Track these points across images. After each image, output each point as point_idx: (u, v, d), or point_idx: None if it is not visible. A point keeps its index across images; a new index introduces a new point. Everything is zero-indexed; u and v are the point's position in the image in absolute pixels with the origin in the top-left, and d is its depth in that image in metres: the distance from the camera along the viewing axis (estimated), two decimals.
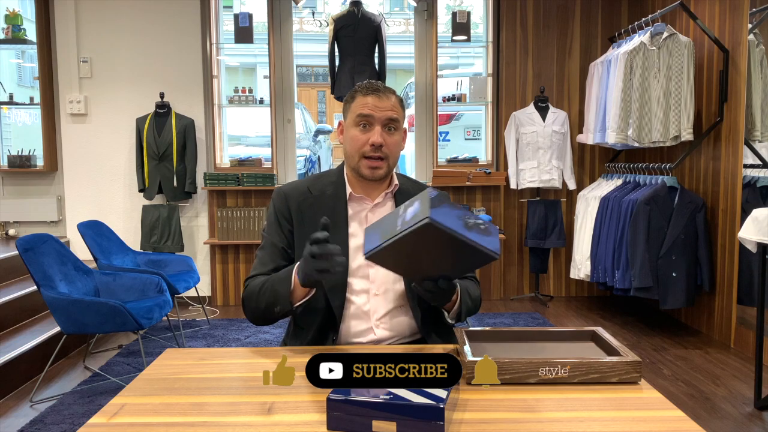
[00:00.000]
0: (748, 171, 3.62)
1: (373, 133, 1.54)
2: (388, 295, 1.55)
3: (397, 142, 1.59)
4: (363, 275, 1.56)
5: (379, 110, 1.54)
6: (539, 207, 4.71)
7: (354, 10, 4.60)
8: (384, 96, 1.56)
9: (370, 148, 1.53)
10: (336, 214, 1.58)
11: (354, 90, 1.60)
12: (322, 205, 1.59)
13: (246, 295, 1.57)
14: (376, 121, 1.54)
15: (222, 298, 4.86)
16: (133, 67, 4.80)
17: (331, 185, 1.62)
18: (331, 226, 1.46)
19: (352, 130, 1.57)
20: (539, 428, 1.01)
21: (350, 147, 1.57)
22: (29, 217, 4.91)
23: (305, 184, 1.65)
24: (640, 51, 3.92)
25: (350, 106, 1.58)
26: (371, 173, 1.55)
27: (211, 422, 1.04)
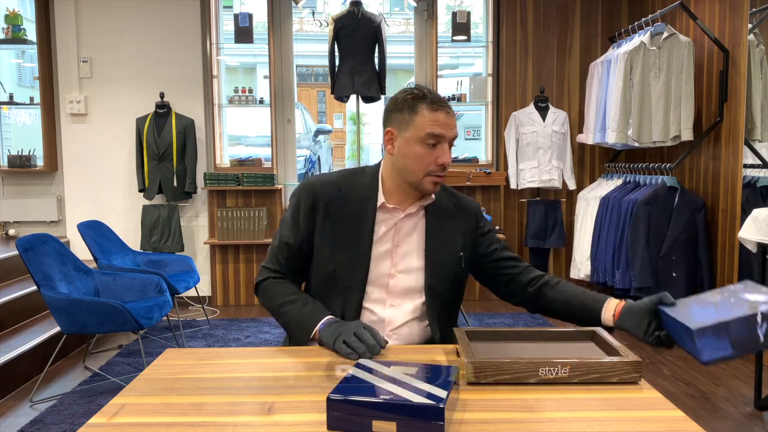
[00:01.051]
0: (748, 171, 3.62)
1: (442, 152, 1.47)
2: (405, 307, 1.54)
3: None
4: (382, 285, 1.54)
5: (449, 128, 1.48)
6: (539, 207, 4.71)
7: (354, 10, 4.60)
8: (451, 112, 1.49)
9: (438, 167, 1.48)
10: (363, 220, 1.54)
11: (413, 97, 1.49)
12: (350, 208, 1.55)
13: (262, 293, 1.59)
14: (445, 140, 1.48)
15: (222, 298, 4.86)
16: (133, 67, 4.80)
17: (362, 188, 1.57)
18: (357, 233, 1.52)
19: (417, 147, 1.47)
20: (539, 428, 1.01)
21: (413, 164, 1.49)
22: (29, 217, 4.91)
23: (336, 181, 1.58)
24: (640, 51, 3.92)
25: (413, 119, 1.47)
26: (434, 188, 1.52)
27: (211, 422, 1.04)
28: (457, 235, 1.59)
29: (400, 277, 1.54)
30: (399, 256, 1.55)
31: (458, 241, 1.59)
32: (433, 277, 1.55)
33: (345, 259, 1.53)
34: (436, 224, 1.57)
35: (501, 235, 4.79)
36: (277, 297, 1.55)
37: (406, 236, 1.56)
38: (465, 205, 1.65)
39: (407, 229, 1.56)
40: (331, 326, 1.42)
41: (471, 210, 1.65)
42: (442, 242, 1.57)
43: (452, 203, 1.63)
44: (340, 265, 1.53)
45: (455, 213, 1.61)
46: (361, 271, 1.52)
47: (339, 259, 1.53)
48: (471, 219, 1.64)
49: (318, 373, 1.26)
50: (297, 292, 1.56)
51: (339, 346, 1.35)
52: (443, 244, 1.57)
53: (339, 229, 1.54)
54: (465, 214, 1.63)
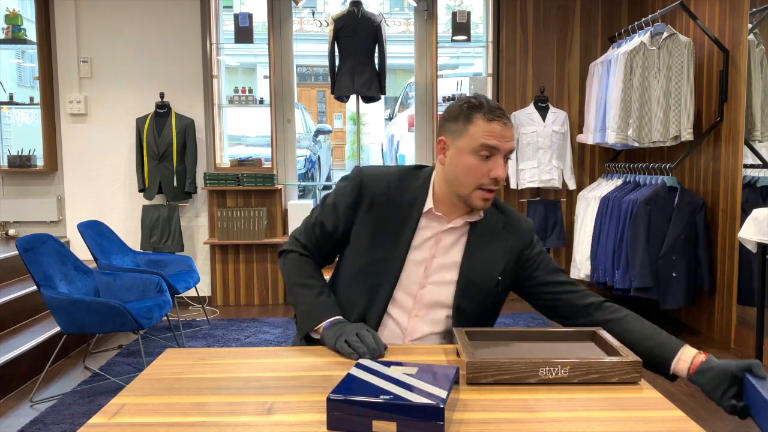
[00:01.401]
0: (748, 171, 3.62)
1: (496, 165, 1.41)
2: (429, 320, 1.51)
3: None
4: (410, 292, 1.50)
5: (504, 140, 1.41)
6: (539, 207, 4.71)
7: (354, 10, 4.60)
8: (508, 123, 1.42)
9: (491, 181, 1.41)
10: (405, 223, 1.50)
11: (469, 107, 1.43)
12: (396, 208, 1.51)
13: (284, 263, 1.60)
14: (499, 153, 1.41)
15: (222, 298, 4.86)
16: (133, 67, 4.80)
17: (413, 190, 1.52)
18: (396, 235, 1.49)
19: (469, 158, 1.41)
20: (539, 428, 1.01)
21: (464, 176, 1.43)
22: (29, 217, 4.91)
23: (387, 178, 1.53)
24: (640, 51, 3.92)
25: (467, 129, 1.42)
26: (484, 204, 1.45)
27: (211, 422, 1.04)
28: (498, 257, 1.52)
29: (429, 288, 1.50)
30: (433, 267, 1.51)
31: (498, 264, 1.52)
32: (463, 297, 1.50)
33: (379, 258, 1.49)
34: (477, 243, 1.52)
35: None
36: (295, 274, 1.55)
37: (445, 249, 1.51)
38: (515, 226, 1.56)
39: (447, 242, 1.51)
40: (334, 326, 1.41)
41: (521, 232, 1.56)
42: (480, 262, 1.51)
43: (501, 222, 1.55)
44: (373, 263, 1.50)
45: (502, 233, 1.54)
46: (393, 273, 1.49)
47: (373, 257, 1.50)
48: (518, 241, 1.55)
49: (318, 373, 1.26)
50: (315, 276, 1.55)
51: (340, 345, 1.35)
52: (481, 265, 1.51)
53: (379, 226, 1.51)
54: (513, 235, 1.55)
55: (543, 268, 1.55)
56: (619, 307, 1.49)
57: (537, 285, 1.55)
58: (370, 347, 1.33)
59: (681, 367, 1.31)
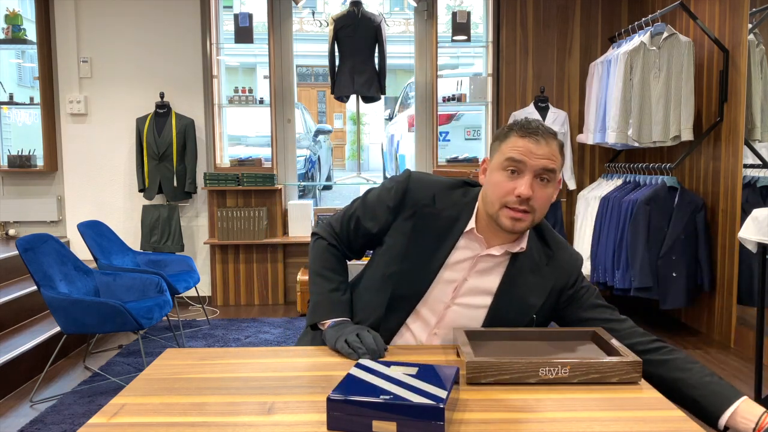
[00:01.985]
0: (748, 171, 3.62)
1: (522, 182, 1.32)
2: (447, 340, 1.47)
3: (549, 196, 1.36)
4: (435, 310, 1.45)
5: (534, 157, 1.32)
6: None
7: (354, 10, 4.60)
8: (543, 140, 1.33)
9: (516, 199, 1.33)
10: (444, 240, 1.44)
11: (509, 127, 1.38)
12: (437, 222, 1.45)
13: (313, 247, 1.59)
14: (527, 169, 1.33)
15: (222, 298, 4.86)
16: (133, 67, 4.80)
17: (458, 206, 1.46)
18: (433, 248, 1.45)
19: (497, 174, 1.36)
20: (539, 428, 1.01)
21: (492, 192, 1.37)
22: (29, 217, 4.91)
23: (435, 188, 1.48)
24: (640, 51, 3.92)
25: (500, 146, 1.38)
26: (512, 225, 1.35)
27: (211, 422, 1.04)
28: (536, 295, 1.44)
29: (455, 309, 1.45)
30: (464, 289, 1.45)
31: (536, 302, 1.44)
32: (491, 327, 1.45)
33: (410, 269, 1.44)
34: (516, 276, 1.44)
35: None
36: (319, 262, 1.54)
37: (481, 274, 1.45)
38: (560, 263, 1.47)
39: (484, 268, 1.45)
40: (338, 326, 1.42)
41: (567, 269, 1.47)
42: (516, 297, 1.44)
43: (545, 257, 1.47)
44: (403, 273, 1.44)
45: (545, 270, 1.46)
46: (421, 287, 1.44)
47: (404, 266, 1.44)
48: (563, 279, 1.46)
49: (318, 373, 1.26)
50: (337, 270, 1.54)
51: (340, 344, 1.35)
52: (516, 300, 1.44)
53: (417, 237, 1.45)
54: (557, 272, 1.46)
55: (584, 305, 1.47)
56: (672, 348, 1.36)
57: (577, 321, 1.48)
58: (369, 348, 1.32)
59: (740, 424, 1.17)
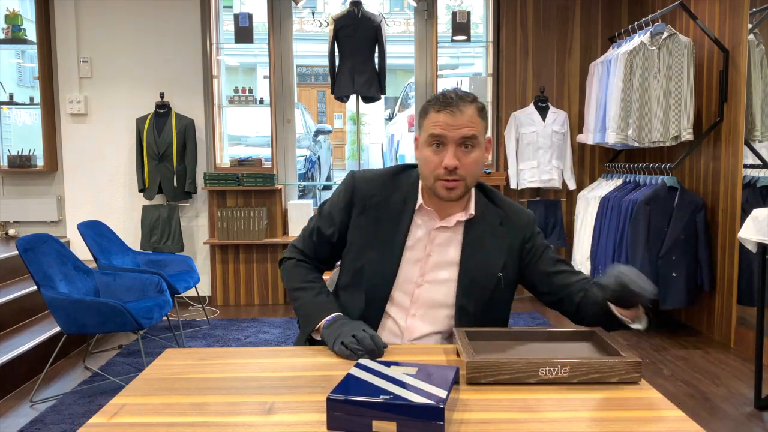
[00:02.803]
0: (748, 171, 3.62)
1: (446, 154, 1.41)
2: (427, 319, 1.50)
3: (476, 160, 1.44)
4: (407, 291, 1.50)
5: (452, 128, 1.40)
6: (539, 207, 4.71)
7: (354, 10, 4.60)
8: (458, 111, 1.41)
9: (444, 171, 1.41)
10: (400, 221, 1.51)
11: (428, 102, 1.47)
12: (389, 207, 1.52)
13: (284, 270, 1.62)
14: (449, 141, 1.41)
15: (222, 298, 4.86)
16: (133, 67, 4.80)
17: (404, 188, 1.54)
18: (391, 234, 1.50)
19: (425, 150, 1.45)
20: (539, 428, 1.01)
21: (424, 168, 1.46)
22: (29, 217, 4.91)
23: (378, 179, 1.56)
24: (640, 51, 3.92)
25: (423, 122, 1.46)
26: (448, 194, 1.44)
27: (211, 422, 1.04)
28: (498, 254, 1.51)
29: (426, 287, 1.50)
30: (429, 265, 1.50)
31: (498, 261, 1.50)
32: (464, 297, 1.49)
33: (375, 258, 1.50)
34: (474, 241, 1.50)
35: None
36: (294, 280, 1.57)
37: (441, 247, 1.51)
38: (513, 220, 1.55)
39: (442, 240, 1.51)
40: (334, 324, 1.41)
41: (520, 225, 1.55)
42: (479, 261, 1.50)
43: (498, 218, 1.54)
44: (369, 263, 1.50)
45: (500, 229, 1.53)
46: (389, 272, 1.50)
47: (369, 257, 1.51)
48: (518, 235, 1.54)
49: (318, 373, 1.26)
50: (313, 279, 1.57)
51: (338, 347, 1.35)
52: (480, 263, 1.49)
53: (374, 227, 1.52)
54: (512, 230, 1.54)
55: (546, 260, 1.55)
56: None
57: (543, 275, 1.54)
58: (367, 349, 1.32)
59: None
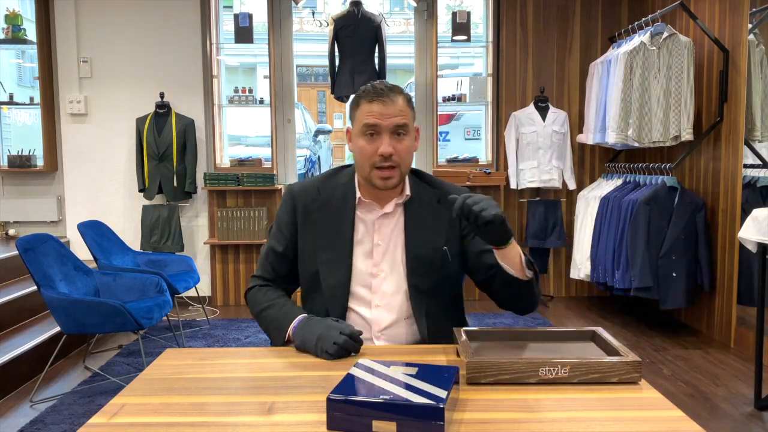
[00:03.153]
0: (748, 171, 3.62)
1: (381, 142, 1.47)
2: (391, 307, 1.53)
3: (409, 147, 1.51)
4: (365, 284, 1.54)
5: (385, 118, 1.47)
6: (539, 207, 4.71)
7: (354, 10, 4.60)
8: (389, 101, 1.47)
9: (380, 158, 1.47)
10: (343, 219, 1.55)
11: (358, 95, 1.52)
12: (329, 209, 1.57)
13: (248, 301, 1.61)
14: (382, 130, 1.47)
15: (222, 298, 4.86)
16: (133, 67, 4.80)
17: (341, 187, 1.59)
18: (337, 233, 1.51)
19: (359, 141, 1.50)
20: (539, 428, 1.01)
21: (360, 158, 1.51)
22: (29, 217, 4.91)
23: (315, 184, 1.61)
24: (640, 51, 3.92)
25: (356, 114, 1.52)
26: (384, 183, 1.50)
27: (211, 422, 1.04)
28: (439, 229, 1.56)
29: (382, 276, 1.54)
30: (380, 254, 1.55)
31: (441, 235, 1.56)
32: (415, 275, 1.53)
33: (327, 259, 1.54)
34: (415, 221, 1.56)
35: None
36: (258, 304, 1.56)
37: (387, 235, 1.56)
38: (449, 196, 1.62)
39: (387, 229, 1.56)
40: (303, 329, 1.40)
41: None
42: (422, 238, 1.55)
43: (435, 196, 1.59)
44: (322, 266, 1.54)
45: (437, 207, 1.58)
46: (344, 270, 1.53)
47: (321, 260, 1.54)
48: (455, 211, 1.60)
49: (318, 373, 1.26)
50: (278, 297, 1.56)
51: (325, 356, 1.34)
52: (424, 240, 1.55)
53: (320, 230, 1.56)
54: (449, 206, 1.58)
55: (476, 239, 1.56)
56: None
57: (470, 255, 1.57)
58: (353, 350, 1.34)
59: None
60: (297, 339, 1.41)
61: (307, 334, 1.39)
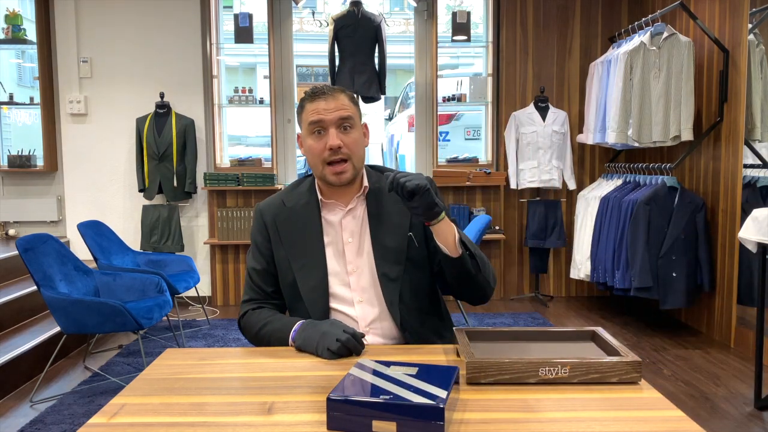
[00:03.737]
0: (748, 171, 3.62)
1: (328, 136, 1.49)
2: (373, 302, 1.55)
3: (357, 140, 1.53)
4: (343, 283, 1.55)
5: (328, 112, 1.49)
6: (539, 207, 4.71)
7: (354, 10, 4.60)
8: (331, 97, 1.51)
9: (329, 152, 1.49)
10: (310, 224, 1.57)
11: (302, 99, 1.56)
12: (296, 217, 1.59)
13: (244, 327, 1.60)
14: (328, 124, 1.50)
15: (222, 298, 4.86)
16: (133, 67, 4.80)
17: (304, 195, 1.61)
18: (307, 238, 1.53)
19: (308, 140, 1.53)
20: (539, 428, 1.01)
21: (311, 157, 1.54)
22: (29, 217, 4.91)
23: (280, 197, 1.64)
24: (640, 51, 3.92)
25: (302, 116, 1.55)
26: (338, 179, 1.51)
27: (211, 422, 1.04)
28: (401, 215, 1.57)
29: (358, 272, 1.55)
30: (352, 252, 1.56)
31: (404, 221, 1.57)
32: (384, 264, 1.54)
33: (301, 265, 1.56)
34: (377, 211, 1.58)
35: (501, 235, 4.79)
36: (254, 325, 1.56)
37: (355, 231, 1.57)
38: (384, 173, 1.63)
39: (354, 226, 1.58)
40: (305, 330, 1.42)
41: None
42: (386, 226, 1.56)
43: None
44: (298, 272, 1.55)
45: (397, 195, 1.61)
46: (320, 273, 1.54)
47: (296, 267, 1.56)
48: None
49: (318, 373, 1.26)
50: (273, 314, 1.56)
51: (328, 354, 1.34)
52: (388, 228, 1.56)
53: (291, 240, 1.58)
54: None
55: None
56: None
57: (429, 244, 1.57)
58: (355, 350, 1.35)
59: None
60: (298, 340, 1.41)
61: (310, 334, 1.39)
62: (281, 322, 1.50)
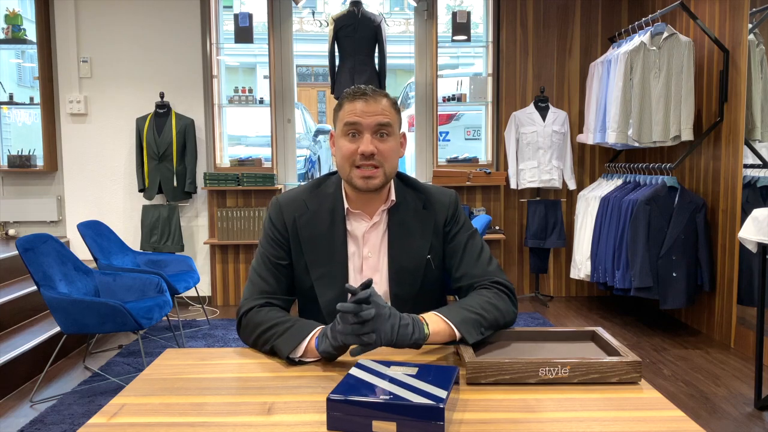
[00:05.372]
0: (748, 171, 3.62)
1: (362, 141, 1.42)
2: None
3: (393, 149, 1.45)
4: None
5: (367, 116, 1.42)
6: (539, 207, 4.71)
7: (354, 10, 4.60)
8: (372, 100, 1.43)
9: (360, 157, 1.41)
10: (335, 234, 1.50)
11: (342, 97, 1.47)
12: (318, 222, 1.50)
13: (244, 329, 1.43)
14: (365, 129, 1.42)
15: (222, 298, 4.86)
16: (133, 67, 4.80)
17: (328, 198, 1.52)
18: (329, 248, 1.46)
19: (341, 140, 1.45)
20: (539, 428, 1.01)
21: (341, 158, 1.45)
22: (29, 217, 4.91)
23: (302, 196, 1.54)
24: (640, 51, 3.92)
25: (339, 115, 1.47)
26: (365, 183, 1.43)
27: (211, 422, 1.04)
28: (423, 236, 1.51)
29: (373, 286, 1.43)
30: (370, 268, 1.52)
31: (425, 243, 1.51)
32: (397, 285, 1.50)
33: (321, 274, 1.49)
34: (398, 229, 1.51)
35: (501, 235, 4.79)
36: (259, 326, 1.37)
37: (375, 245, 1.52)
38: (436, 202, 1.55)
39: (375, 238, 1.52)
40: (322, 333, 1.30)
41: (442, 205, 1.55)
42: (405, 247, 1.50)
43: (420, 202, 1.54)
44: (317, 281, 1.49)
45: (423, 213, 1.53)
46: (340, 286, 1.48)
47: (315, 275, 1.49)
48: (442, 215, 1.54)
49: (318, 373, 1.26)
50: (281, 315, 1.40)
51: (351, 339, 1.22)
52: (407, 249, 1.50)
53: (311, 245, 1.50)
54: (435, 211, 1.54)
55: (455, 243, 1.53)
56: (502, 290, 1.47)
57: (447, 257, 1.53)
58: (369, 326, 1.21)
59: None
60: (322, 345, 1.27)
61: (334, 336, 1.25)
62: (297, 325, 1.34)
